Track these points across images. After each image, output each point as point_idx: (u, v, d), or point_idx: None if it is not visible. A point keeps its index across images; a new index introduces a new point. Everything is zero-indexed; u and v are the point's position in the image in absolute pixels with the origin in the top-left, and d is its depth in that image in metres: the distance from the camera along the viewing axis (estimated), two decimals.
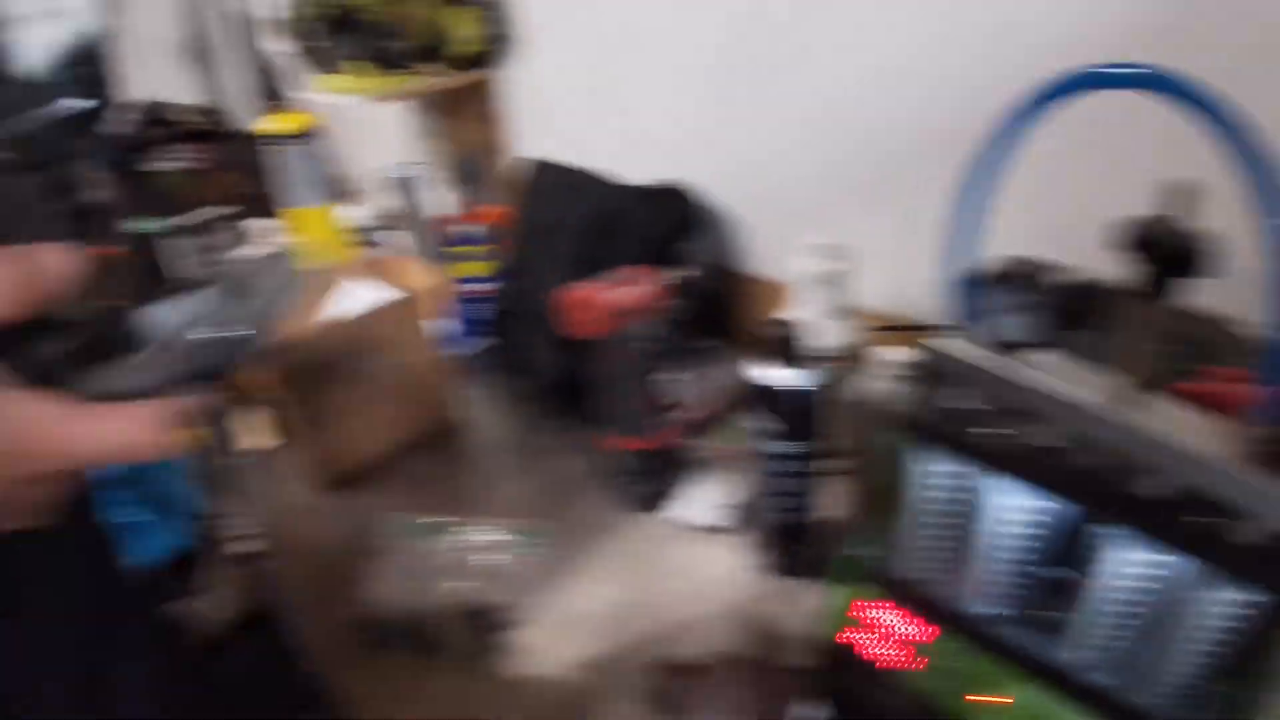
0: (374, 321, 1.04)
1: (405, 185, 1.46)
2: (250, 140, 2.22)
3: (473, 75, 1.48)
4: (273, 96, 2.54)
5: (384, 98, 1.42)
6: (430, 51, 1.48)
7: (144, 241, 2.01)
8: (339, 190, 1.49)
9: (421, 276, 1.21)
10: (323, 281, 1.15)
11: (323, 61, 1.58)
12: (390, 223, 1.60)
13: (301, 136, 1.33)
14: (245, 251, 1.72)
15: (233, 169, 2.14)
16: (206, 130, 2.15)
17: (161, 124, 2.14)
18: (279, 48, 2.10)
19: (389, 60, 1.44)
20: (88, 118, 2.98)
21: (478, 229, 1.24)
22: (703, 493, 0.95)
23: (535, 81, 1.46)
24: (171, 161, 2.10)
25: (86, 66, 3.42)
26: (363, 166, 1.90)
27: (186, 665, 0.57)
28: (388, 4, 1.42)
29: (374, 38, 1.43)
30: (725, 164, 1.23)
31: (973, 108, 0.59)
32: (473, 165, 1.43)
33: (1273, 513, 0.42)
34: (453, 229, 1.25)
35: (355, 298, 1.09)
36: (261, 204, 2.10)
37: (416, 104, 1.66)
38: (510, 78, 1.50)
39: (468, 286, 1.26)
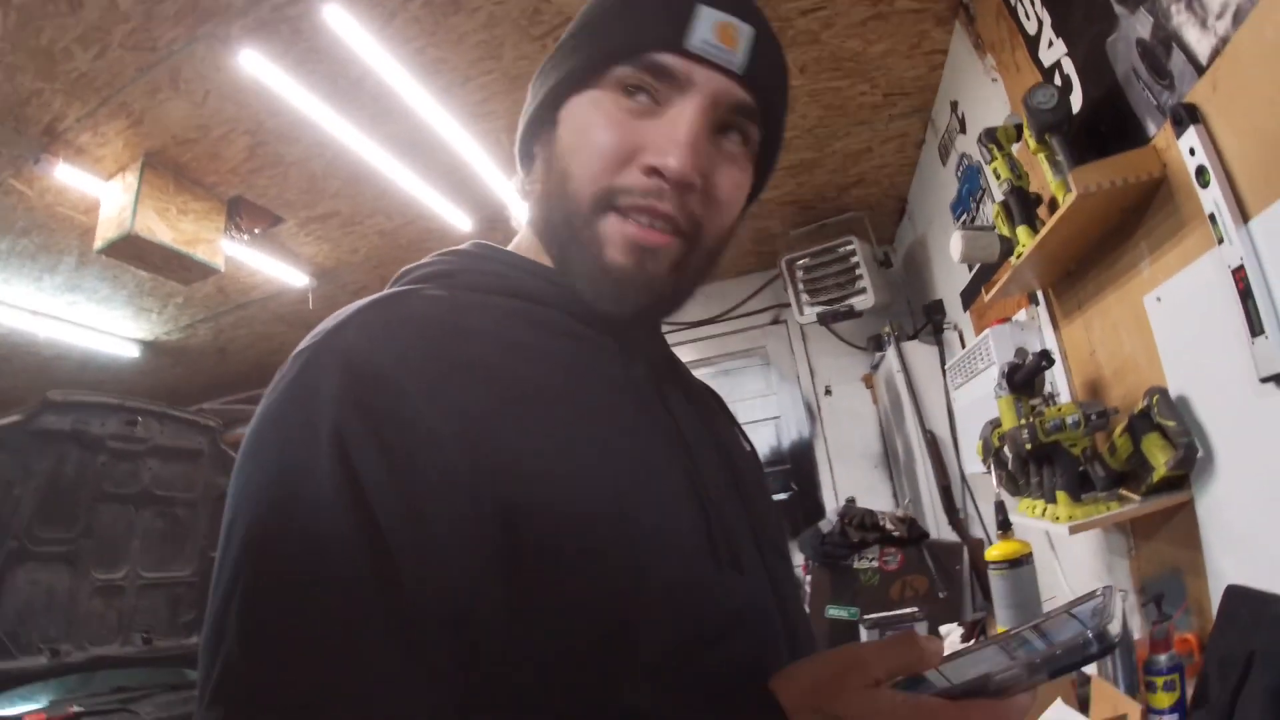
0: None
1: (1110, 593, 1.49)
2: (938, 548, 2.50)
3: (1167, 500, 1.49)
4: (953, 513, 2.86)
5: (1080, 526, 1.51)
6: (1126, 478, 1.55)
7: (839, 628, 2.35)
8: (1041, 612, 1.58)
9: (1118, 705, 1.20)
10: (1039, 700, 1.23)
11: (1018, 487, 1.77)
12: None
13: (1014, 563, 1.48)
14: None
15: (919, 573, 2.42)
16: (900, 536, 2.49)
17: (863, 526, 2.55)
18: (975, 468, 2.40)
19: (1086, 488, 1.56)
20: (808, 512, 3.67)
21: (1169, 658, 1.21)
22: None
23: (1234, 503, 1.41)
24: (867, 560, 2.47)
25: (796, 465, 4.27)
26: (1059, 589, 1.95)
27: None
28: (1089, 436, 1.57)
29: (1073, 467, 1.57)
30: None
31: None
32: (1164, 590, 1.40)
33: None
34: (1146, 656, 1.24)
35: None
36: (943, 608, 2.31)
37: (1112, 528, 1.71)
38: (1206, 500, 1.47)
39: (1161, 718, 1.21)
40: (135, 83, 2.18)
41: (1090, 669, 1.43)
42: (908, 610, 2.08)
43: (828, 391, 4.23)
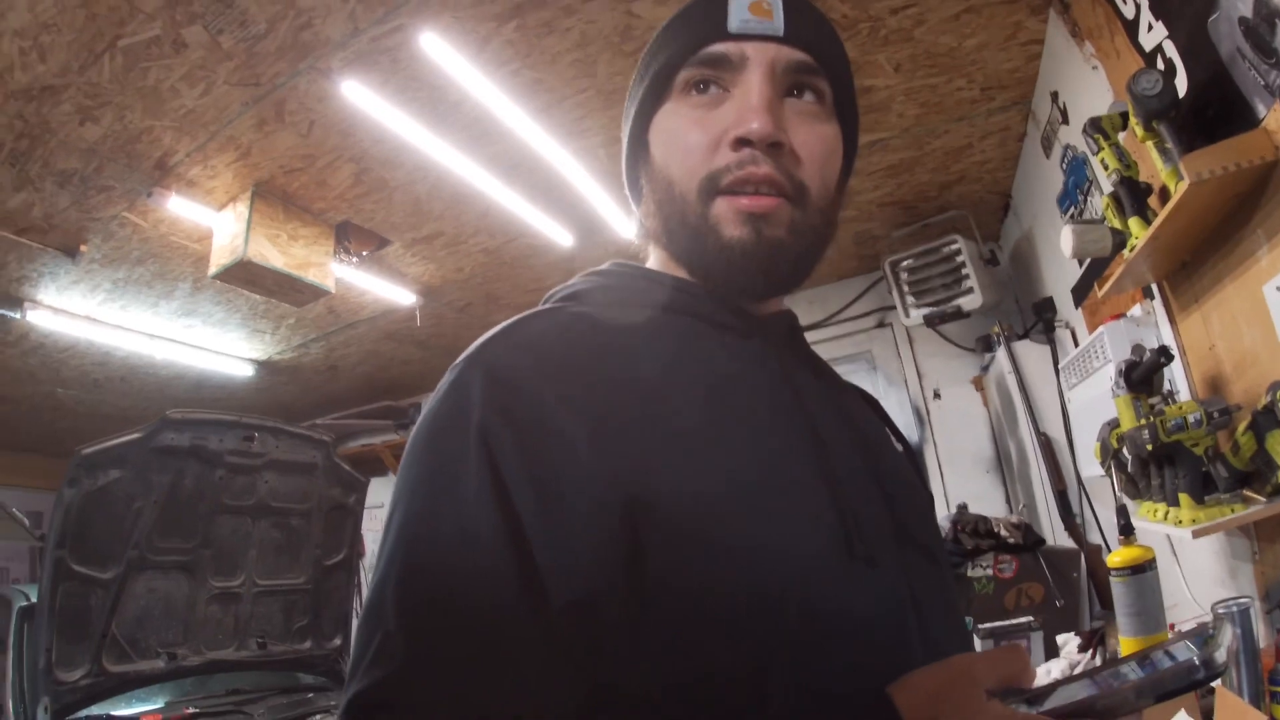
0: None
1: (1229, 619, 1.47)
2: (1054, 555, 2.46)
3: None
4: (1069, 518, 2.80)
5: (1203, 530, 1.49)
6: (1249, 478, 1.52)
7: None
8: (1164, 620, 1.56)
9: (1244, 716, 1.19)
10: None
11: (1138, 490, 1.75)
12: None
13: (1137, 569, 1.47)
14: (1049, 664, 1.88)
15: (1035, 580, 2.39)
16: (1015, 543, 2.46)
17: (976, 533, 2.54)
18: (1092, 472, 2.36)
19: (1209, 490, 1.53)
20: None
21: None
22: None
23: None
24: (981, 568, 2.46)
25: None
26: (1181, 596, 1.92)
27: None
28: (1212, 434, 1.55)
29: (1196, 468, 1.55)
30: None
31: None
32: None
33: None
34: (1272, 666, 1.22)
35: None
36: (1060, 617, 2.27)
37: (1235, 532, 1.67)
38: None
39: None
40: (241, 116, 2.37)
41: None
42: (1023, 620, 2.07)
43: (936, 395, 4.18)
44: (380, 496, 3.51)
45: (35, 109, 2.23)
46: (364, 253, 3.26)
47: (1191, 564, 1.89)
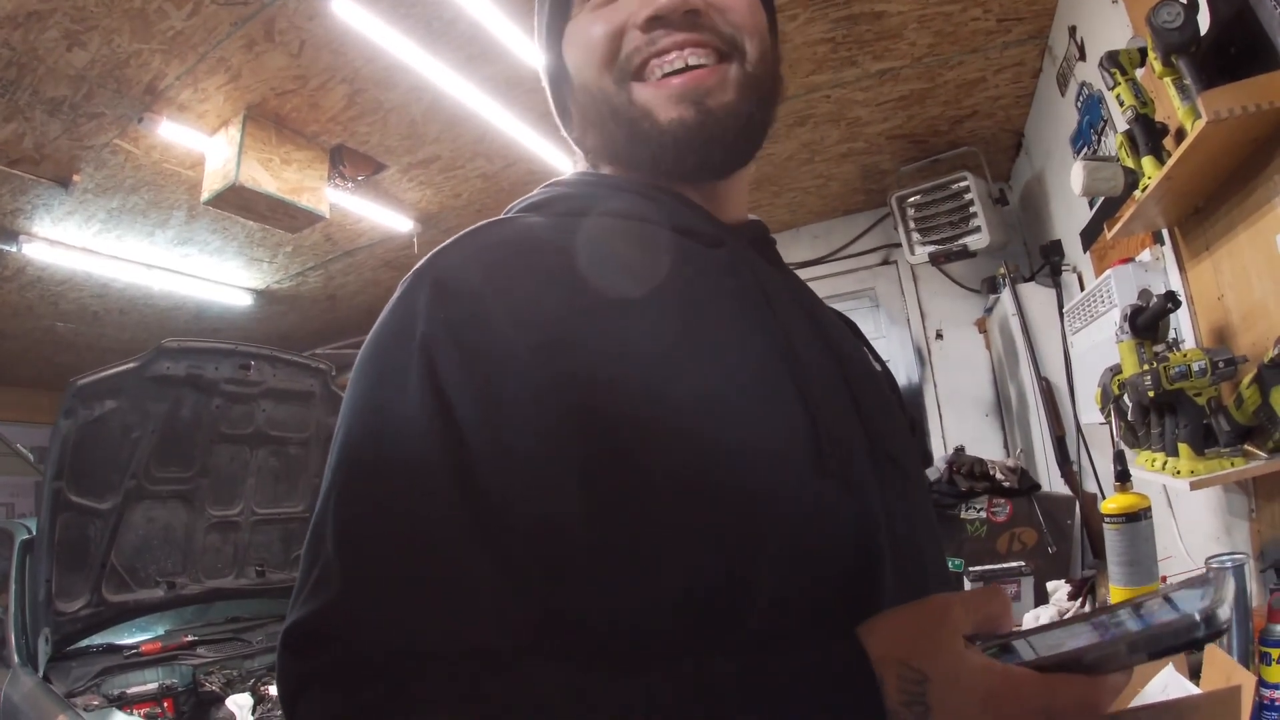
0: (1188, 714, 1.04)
1: (1222, 575, 1.45)
2: (1049, 501, 2.45)
3: None
4: (1066, 465, 2.78)
5: (1202, 482, 1.46)
6: (1251, 433, 1.49)
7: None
8: (1156, 571, 1.55)
9: (1232, 675, 1.18)
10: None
11: (1137, 439, 1.72)
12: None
13: (1131, 516, 1.45)
14: (1037, 610, 1.88)
15: (1028, 525, 2.38)
16: (1010, 487, 2.45)
17: (971, 475, 2.52)
18: (1091, 419, 2.33)
19: (1209, 442, 1.50)
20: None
21: None
22: None
23: None
24: (975, 510, 2.45)
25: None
26: (1175, 550, 1.90)
27: None
28: (1215, 385, 1.51)
29: (1198, 418, 1.51)
30: None
31: None
32: None
33: None
34: (1263, 626, 1.20)
35: (1171, 687, 1.13)
36: (1052, 564, 2.27)
37: (1233, 487, 1.65)
38: None
39: (1272, 692, 1.17)
40: (230, 37, 2.29)
41: None
42: (1014, 564, 2.06)
43: (939, 335, 4.15)
44: None
45: (22, 36, 2.16)
46: (359, 177, 3.19)
47: (1187, 517, 1.87)
